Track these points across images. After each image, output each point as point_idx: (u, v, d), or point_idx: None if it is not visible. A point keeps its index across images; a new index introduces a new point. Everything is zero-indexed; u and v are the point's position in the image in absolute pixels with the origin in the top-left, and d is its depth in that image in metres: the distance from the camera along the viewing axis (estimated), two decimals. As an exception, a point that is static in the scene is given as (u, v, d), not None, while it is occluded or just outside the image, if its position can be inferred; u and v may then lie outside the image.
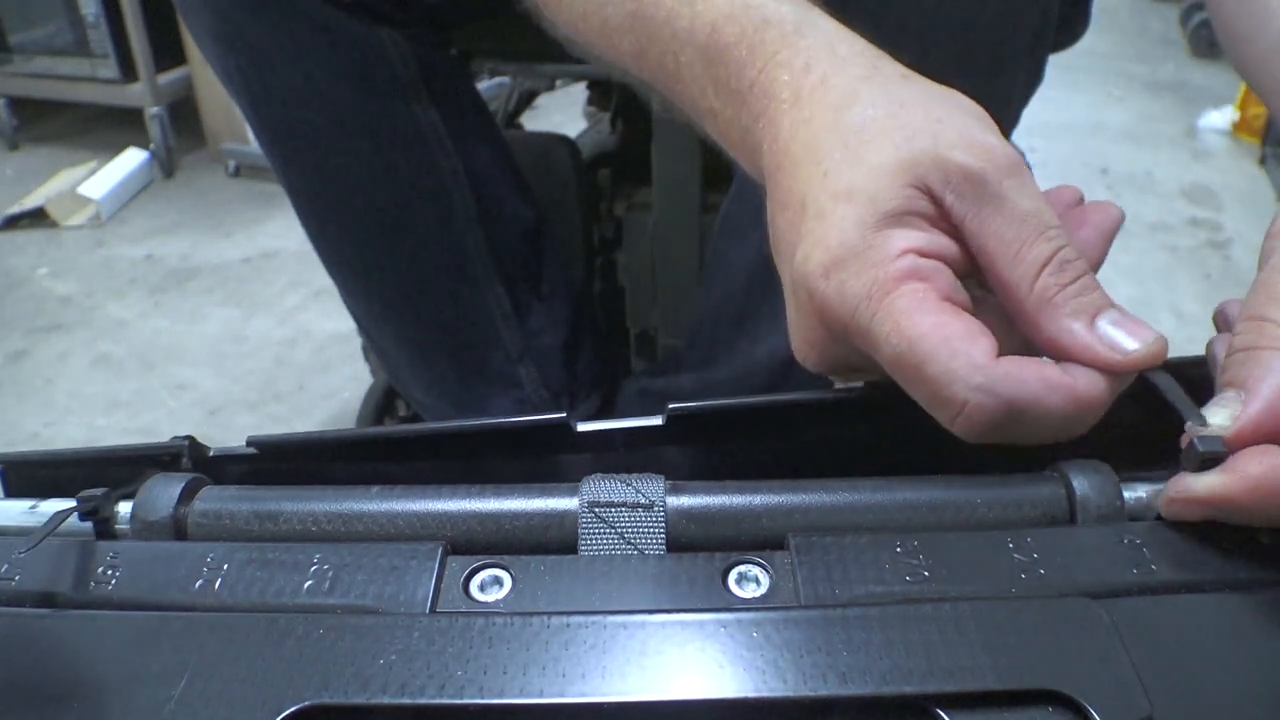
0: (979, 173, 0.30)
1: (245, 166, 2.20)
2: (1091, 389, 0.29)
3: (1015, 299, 0.31)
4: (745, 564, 0.28)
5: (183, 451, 0.34)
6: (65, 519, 0.30)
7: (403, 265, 0.71)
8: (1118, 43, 3.06)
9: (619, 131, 1.09)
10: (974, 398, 0.29)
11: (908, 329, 0.29)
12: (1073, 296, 0.30)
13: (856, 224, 0.31)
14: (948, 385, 0.29)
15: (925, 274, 0.30)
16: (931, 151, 0.31)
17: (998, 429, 0.29)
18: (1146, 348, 0.30)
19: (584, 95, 1.38)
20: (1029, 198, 0.31)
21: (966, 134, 0.31)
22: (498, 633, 0.25)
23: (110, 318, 1.68)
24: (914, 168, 0.31)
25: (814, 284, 0.32)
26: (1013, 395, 0.29)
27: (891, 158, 0.31)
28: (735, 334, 0.69)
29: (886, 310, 0.30)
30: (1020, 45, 0.57)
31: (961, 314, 0.30)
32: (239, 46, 0.63)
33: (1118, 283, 1.63)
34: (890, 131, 0.32)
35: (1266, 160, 2.13)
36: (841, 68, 0.34)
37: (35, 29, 2.18)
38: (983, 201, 0.31)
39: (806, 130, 0.33)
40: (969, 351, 0.29)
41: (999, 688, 0.23)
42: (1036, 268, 0.30)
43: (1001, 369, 0.29)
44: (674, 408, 0.35)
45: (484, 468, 0.36)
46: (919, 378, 0.30)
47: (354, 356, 1.43)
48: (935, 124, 0.32)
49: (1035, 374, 0.29)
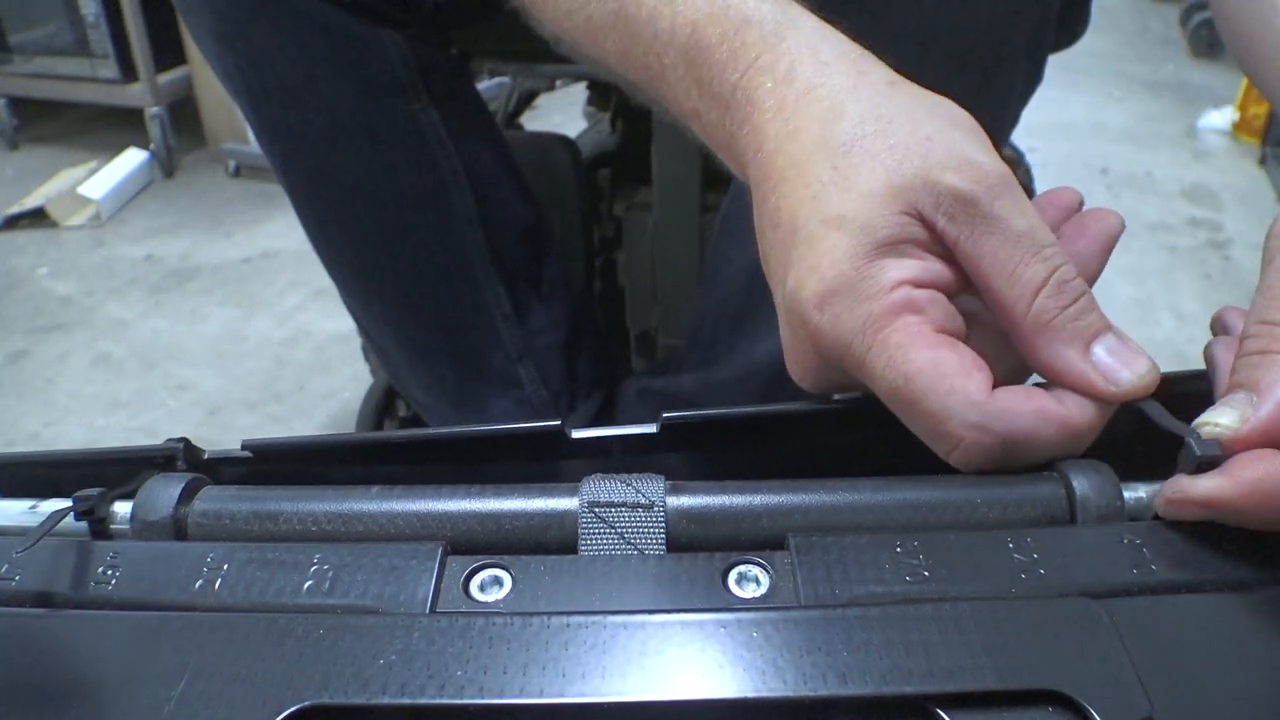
0: (969, 195, 0.30)
1: (245, 166, 2.20)
2: (1083, 417, 0.30)
3: (1012, 320, 0.31)
4: (745, 564, 0.28)
5: (177, 454, 0.34)
6: (62, 519, 0.30)
7: (403, 265, 0.71)
8: (1118, 43, 3.06)
9: (619, 131, 1.09)
10: (970, 435, 0.29)
11: (903, 364, 0.30)
12: (1070, 320, 0.30)
13: (849, 254, 0.31)
14: (944, 422, 0.30)
15: (919, 305, 0.30)
16: (922, 174, 0.31)
17: (993, 460, 0.30)
18: (1139, 379, 0.30)
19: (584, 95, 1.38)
20: (1022, 216, 0.31)
21: (956, 153, 0.31)
22: (498, 633, 0.25)
23: (110, 318, 1.68)
24: (904, 193, 0.31)
25: (807, 314, 0.32)
26: (1008, 430, 0.29)
27: (882, 183, 0.31)
28: (735, 334, 0.69)
29: (881, 345, 0.30)
30: (1020, 45, 0.56)
31: (956, 346, 0.30)
32: (239, 46, 0.63)
33: (1117, 283, 1.63)
34: (879, 154, 0.31)
35: (1266, 160, 2.13)
36: (825, 75, 0.34)
37: (35, 29, 2.18)
38: (975, 223, 0.31)
39: (793, 145, 0.33)
40: (965, 388, 0.29)
41: (999, 688, 0.23)
42: (1033, 289, 0.30)
43: (997, 404, 0.29)
44: (668, 416, 0.35)
45: (480, 472, 0.36)
46: (915, 412, 0.30)
47: (354, 356, 1.43)
48: (925, 143, 0.31)
49: (1029, 407, 0.30)
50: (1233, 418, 0.28)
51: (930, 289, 0.31)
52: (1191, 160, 2.21)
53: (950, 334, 0.31)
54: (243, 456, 0.35)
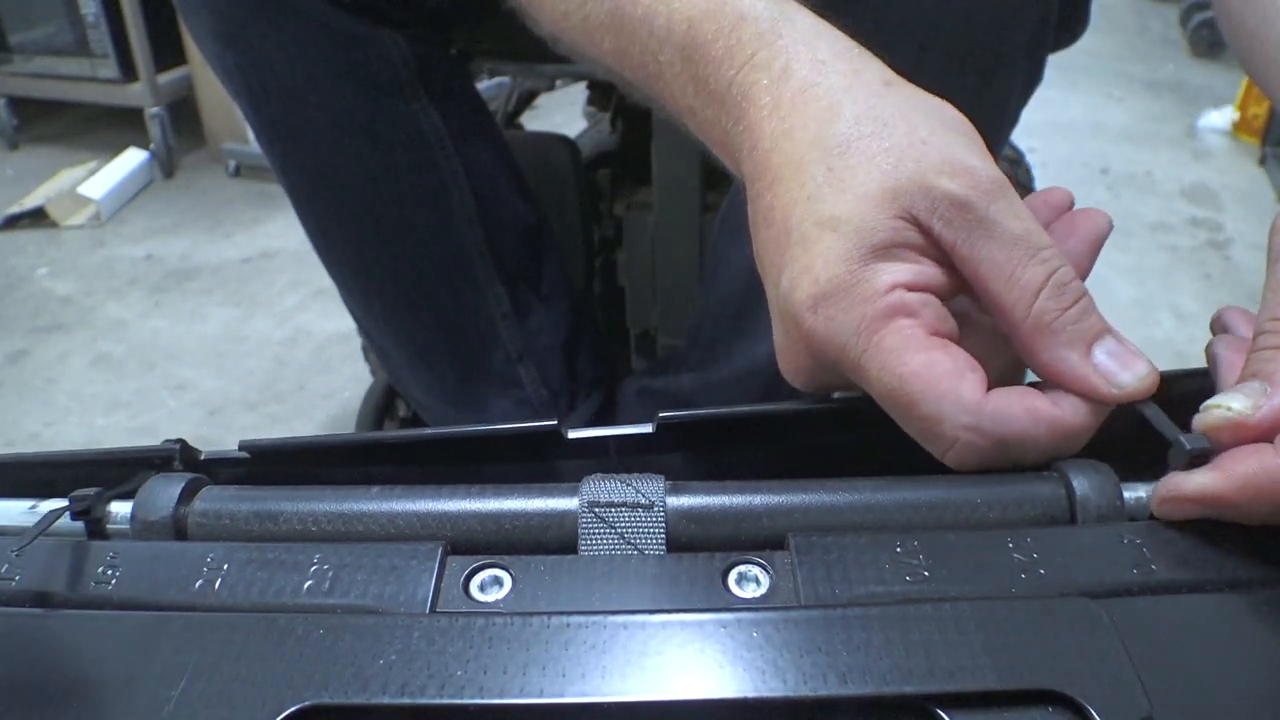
0: (964, 199, 0.30)
1: (245, 166, 2.20)
2: (1076, 419, 0.30)
3: (1011, 323, 0.31)
4: (745, 564, 0.28)
5: (174, 455, 0.34)
6: (57, 518, 0.30)
7: (403, 265, 0.71)
8: (1118, 43, 3.06)
9: (619, 131, 1.09)
10: (964, 436, 0.30)
11: (897, 367, 0.30)
12: (1071, 322, 0.30)
13: (843, 257, 0.31)
14: (938, 424, 0.30)
15: (913, 309, 0.31)
16: (917, 178, 0.31)
17: (988, 460, 0.30)
18: (1139, 381, 0.30)
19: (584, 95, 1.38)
20: (1017, 219, 0.31)
21: (951, 157, 0.31)
22: (498, 633, 0.25)
23: (110, 318, 1.68)
24: (899, 197, 0.31)
25: (801, 316, 0.32)
26: (1001, 432, 0.30)
27: (877, 186, 0.31)
28: (735, 334, 0.69)
29: (875, 348, 0.30)
30: (1020, 45, 0.56)
31: (950, 349, 0.30)
32: (239, 46, 0.63)
33: (1117, 283, 1.63)
34: (874, 156, 0.31)
35: (1266, 160, 2.13)
36: (822, 73, 0.34)
37: (35, 29, 2.18)
38: (971, 227, 0.31)
39: (788, 143, 0.33)
40: (958, 390, 0.30)
41: (999, 688, 0.23)
42: (1032, 291, 0.30)
43: (990, 406, 0.30)
44: (664, 416, 0.35)
45: (479, 472, 0.36)
46: (910, 415, 0.30)
47: (354, 356, 1.43)
48: (920, 146, 0.31)
49: (1022, 408, 0.30)
50: (1245, 404, 0.28)
51: (924, 292, 0.31)
52: (1191, 160, 2.21)
53: (944, 336, 0.31)
54: (240, 457, 0.35)
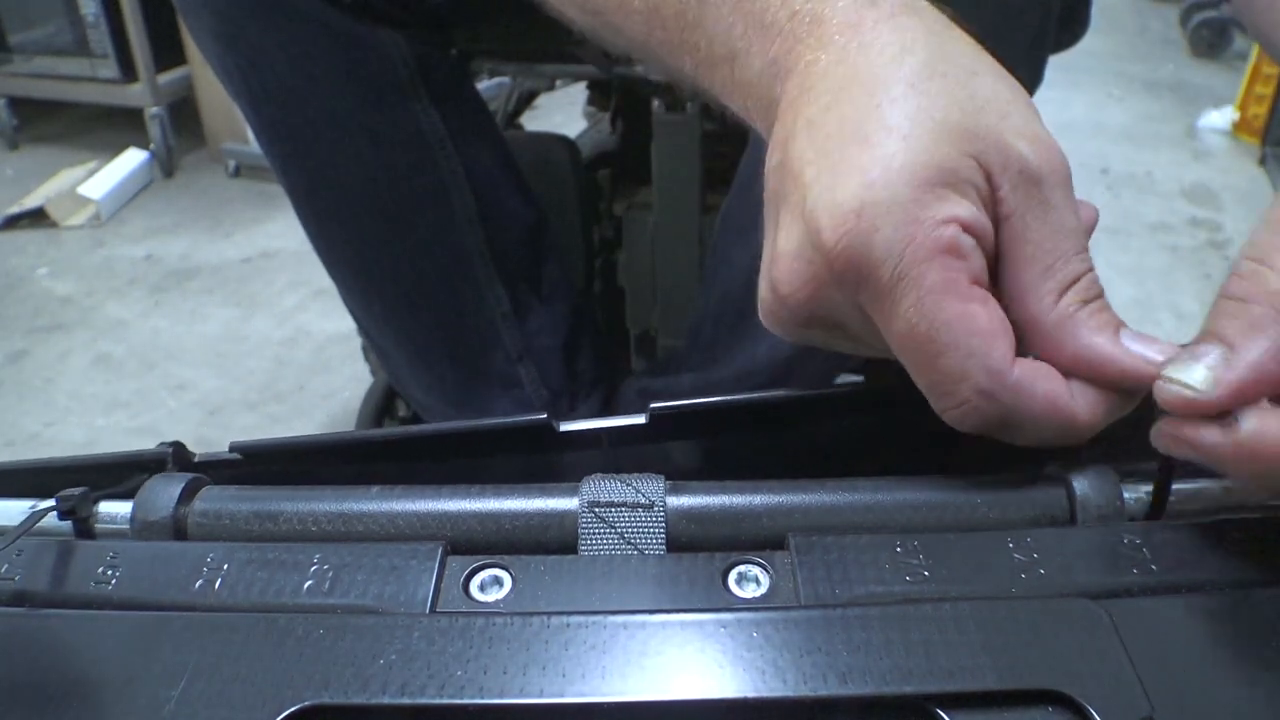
0: (1037, 172, 0.29)
1: (245, 166, 2.20)
2: (1088, 416, 0.29)
3: (1032, 310, 0.29)
4: (745, 564, 0.28)
5: (167, 458, 0.34)
6: (42, 517, 0.30)
7: (403, 265, 0.71)
8: (1118, 43, 3.06)
9: (619, 131, 1.09)
10: (976, 400, 0.28)
11: (934, 311, 0.28)
12: (1095, 312, 0.29)
13: (907, 169, 0.28)
14: (957, 381, 0.28)
15: (965, 251, 0.28)
16: (997, 132, 0.29)
17: (983, 429, 0.29)
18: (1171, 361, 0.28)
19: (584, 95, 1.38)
20: (1073, 213, 0.30)
21: (1032, 126, 0.30)
22: (498, 633, 0.25)
23: (110, 318, 1.68)
24: (978, 140, 0.29)
25: (838, 216, 0.28)
26: (1013, 408, 0.28)
27: (957, 119, 0.29)
28: (735, 334, 0.69)
29: (915, 280, 0.28)
30: (1020, 45, 0.57)
31: (989, 304, 0.29)
32: (239, 46, 0.63)
33: (1118, 283, 1.63)
34: (958, 96, 0.29)
35: (1266, 160, 2.13)
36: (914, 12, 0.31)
37: (35, 29, 2.19)
38: (1032, 203, 0.29)
39: (862, 57, 0.30)
40: (988, 353, 0.28)
41: (999, 688, 0.23)
42: (1064, 285, 0.29)
43: (1013, 378, 0.28)
44: (656, 407, 0.35)
45: (478, 469, 0.36)
46: (930, 365, 0.29)
47: (354, 356, 1.43)
48: (1005, 103, 0.30)
49: (1042, 393, 0.28)
50: (1203, 378, 0.26)
51: (977, 239, 0.29)
52: (1191, 160, 2.21)
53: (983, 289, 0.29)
54: (231, 459, 0.35)
